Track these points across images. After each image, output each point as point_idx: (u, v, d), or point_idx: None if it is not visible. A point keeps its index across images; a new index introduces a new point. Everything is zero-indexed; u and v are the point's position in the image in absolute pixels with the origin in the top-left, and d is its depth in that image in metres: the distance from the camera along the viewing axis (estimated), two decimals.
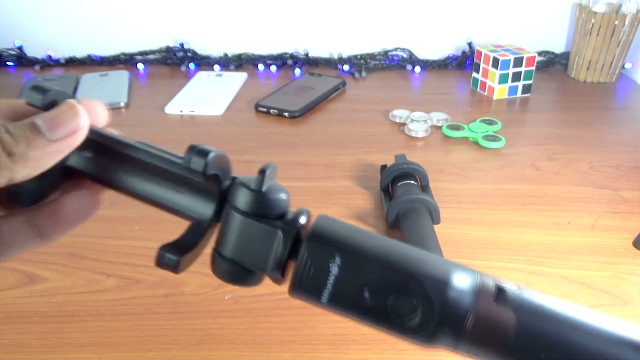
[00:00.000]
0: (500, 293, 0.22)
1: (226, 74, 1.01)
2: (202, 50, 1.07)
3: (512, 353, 0.22)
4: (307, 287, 0.23)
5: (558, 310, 0.22)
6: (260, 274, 0.25)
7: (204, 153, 0.23)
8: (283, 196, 0.24)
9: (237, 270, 0.25)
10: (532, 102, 0.92)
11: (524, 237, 0.56)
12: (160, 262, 0.24)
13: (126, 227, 0.57)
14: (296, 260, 0.23)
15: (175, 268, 0.24)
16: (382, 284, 0.22)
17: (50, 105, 0.24)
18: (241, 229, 0.24)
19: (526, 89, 0.93)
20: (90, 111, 0.25)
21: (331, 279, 0.22)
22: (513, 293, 0.22)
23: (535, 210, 0.61)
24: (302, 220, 0.24)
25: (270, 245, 0.24)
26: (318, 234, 0.23)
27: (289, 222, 0.24)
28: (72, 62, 1.06)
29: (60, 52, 1.06)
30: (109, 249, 0.54)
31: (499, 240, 0.56)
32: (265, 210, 0.24)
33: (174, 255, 0.25)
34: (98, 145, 0.26)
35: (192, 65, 1.04)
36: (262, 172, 0.23)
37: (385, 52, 1.06)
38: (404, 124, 0.81)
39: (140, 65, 1.04)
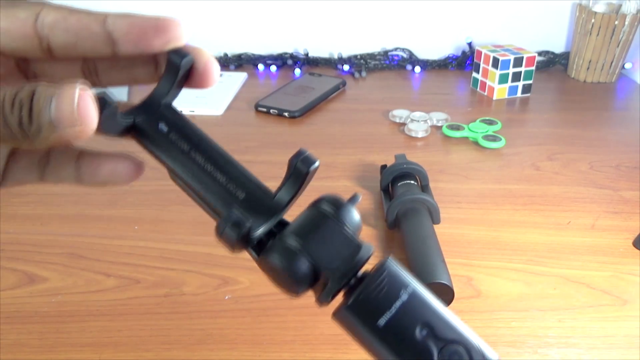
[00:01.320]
0: None
1: (226, 74, 1.01)
2: None
3: None
4: (368, 307, 0.23)
5: None
6: (313, 282, 0.24)
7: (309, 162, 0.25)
8: (360, 224, 0.25)
9: (301, 263, 0.23)
10: (532, 102, 0.92)
11: (524, 237, 0.56)
12: (220, 232, 0.23)
13: (126, 227, 0.57)
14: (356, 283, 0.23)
15: (233, 244, 0.23)
16: (441, 330, 0.22)
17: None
18: (322, 226, 0.24)
19: (526, 89, 0.93)
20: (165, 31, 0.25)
21: (398, 304, 0.22)
22: None
23: (535, 210, 0.61)
24: (372, 249, 0.24)
25: (346, 254, 0.23)
26: (394, 263, 0.24)
27: (367, 245, 0.24)
28: None
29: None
30: (109, 249, 0.54)
31: (499, 240, 0.56)
32: (348, 223, 0.24)
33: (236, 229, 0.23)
34: (177, 125, 0.26)
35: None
36: (355, 195, 0.25)
37: (385, 52, 1.06)
38: (404, 124, 0.81)
39: None
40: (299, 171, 0.26)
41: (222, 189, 0.25)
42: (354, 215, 0.25)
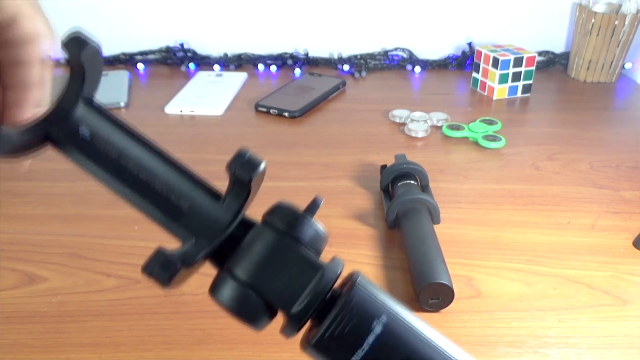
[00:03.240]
0: None
1: (226, 74, 1.01)
2: (202, 50, 1.07)
3: None
4: (337, 344, 0.19)
5: None
6: (272, 315, 0.21)
7: (254, 165, 0.20)
8: (324, 235, 0.21)
9: (251, 301, 0.20)
10: (532, 102, 0.92)
11: (524, 237, 0.56)
12: (149, 272, 0.21)
13: (126, 227, 0.57)
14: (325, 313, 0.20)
15: (165, 283, 0.21)
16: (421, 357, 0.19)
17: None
18: (273, 252, 0.20)
19: (526, 89, 0.93)
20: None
21: (371, 339, 0.19)
22: None
23: (535, 210, 0.61)
24: (339, 269, 0.21)
25: (303, 283, 0.20)
26: (363, 286, 0.20)
27: (331, 266, 0.20)
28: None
29: (61, 52, 1.06)
30: (109, 249, 0.54)
31: (499, 240, 0.56)
32: (307, 240, 0.20)
33: (167, 270, 0.21)
34: (100, 127, 0.22)
35: (192, 65, 1.04)
36: (315, 201, 0.21)
37: (385, 52, 1.06)
38: (404, 124, 0.81)
39: (140, 65, 1.04)
40: (241, 180, 0.22)
41: (162, 201, 0.22)
42: (313, 227, 0.21)
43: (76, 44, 0.22)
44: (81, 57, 0.22)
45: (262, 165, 0.22)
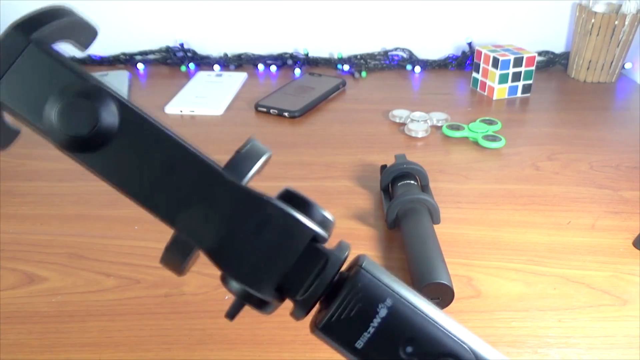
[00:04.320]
0: None
1: (226, 74, 1.01)
2: (202, 50, 1.07)
3: None
4: (344, 327, 0.20)
5: None
6: (281, 299, 0.21)
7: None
8: (330, 217, 0.21)
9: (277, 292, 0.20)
10: (532, 102, 0.92)
11: (524, 237, 0.56)
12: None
13: (126, 227, 0.57)
14: (331, 296, 0.20)
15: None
16: (428, 344, 0.20)
17: None
18: (272, 232, 0.20)
19: (526, 89, 0.93)
20: None
21: (376, 323, 0.20)
22: None
23: (535, 210, 0.61)
24: (345, 254, 0.21)
25: (309, 270, 0.20)
26: (369, 270, 0.20)
27: (337, 251, 0.21)
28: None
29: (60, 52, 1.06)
30: (109, 249, 0.54)
31: (499, 240, 0.56)
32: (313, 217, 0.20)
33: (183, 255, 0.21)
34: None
35: (192, 65, 1.04)
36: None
37: (385, 52, 1.06)
38: (404, 124, 0.81)
39: (140, 65, 1.04)
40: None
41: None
42: (320, 211, 0.21)
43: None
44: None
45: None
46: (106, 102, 0.19)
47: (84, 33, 0.21)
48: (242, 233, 0.20)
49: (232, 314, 0.21)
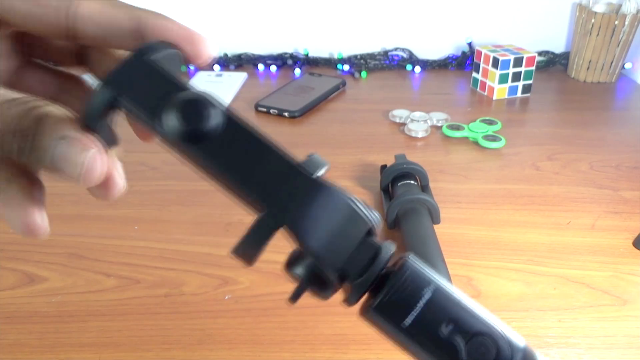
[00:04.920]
0: None
1: (226, 74, 1.01)
2: None
3: None
4: (393, 308, 0.23)
5: None
6: (338, 285, 0.24)
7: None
8: (378, 216, 0.25)
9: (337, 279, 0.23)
10: (532, 102, 0.92)
11: (524, 237, 0.56)
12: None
13: (126, 227, 0.57)
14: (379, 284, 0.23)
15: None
16: (466, 323, 0.23)
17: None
18: (338, 226, 0.23)
19: (526, 89, 0.93)
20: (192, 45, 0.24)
21: (422, 303, 0.23)
22: None
23: (535, 210, 0.61)
24: (393, 249, 0.25)
25: (365, 257, 0.24)
26: (415, 261, 0.24)
27: (386, 245, 0.24)
28: None
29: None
30: (109, 249, 0.54)
31: (499, 240, 0.56)
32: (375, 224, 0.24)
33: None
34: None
35: (192, 66, 1.04)
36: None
37: (385, 52, 1.06)
38: (404, 124, 0.81)
39: None
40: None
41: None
42: (373, 212, 0.25)
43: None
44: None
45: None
46: (210, 107, 0.23)
47: (179, 60, 0.26)
48: (317, 216, 0.23)
49: (295, 297, 0.24)
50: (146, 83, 0.22)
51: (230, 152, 0.23)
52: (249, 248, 0.23)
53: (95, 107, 0.22)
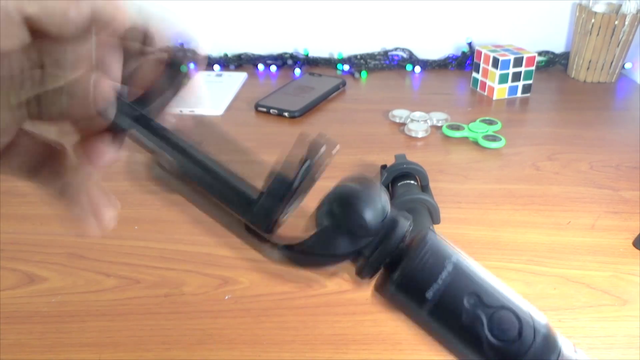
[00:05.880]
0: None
1: (226, 73, 1.01)
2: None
3: None
4: (414, 280, 0.22)
5: None
6: (354, 258, 0.23)
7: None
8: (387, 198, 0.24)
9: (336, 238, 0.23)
10: (532, 102, 0.92)
11: (524, 237, 0.56)
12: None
13: (126, 227, 0.57)
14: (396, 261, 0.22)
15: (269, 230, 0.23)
16: (489, 297, 0.22)
17: None
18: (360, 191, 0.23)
19: (526, 89, 0.93)
20: None
21: (444, 275, 0.22)
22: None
23: (535, 210, 0.61)
24: (409, 221, 0.24)
25: (379, 232, 0.22)
26: (435, 234, 0.23)
27: (402, 218, 0.23)
28: None
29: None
30: (109, 249, 0.54)
31: (499, 240, 0.56)
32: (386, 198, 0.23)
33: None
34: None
35: (192, 65, 1.04)
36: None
37: (385, 52, 1.06)
38: (404, 124, 0.81)
39: None
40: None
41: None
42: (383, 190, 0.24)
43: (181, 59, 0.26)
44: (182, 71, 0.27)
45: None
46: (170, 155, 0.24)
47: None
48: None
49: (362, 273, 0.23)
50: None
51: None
52: (271, 206, 0.23)
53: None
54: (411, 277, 0.22)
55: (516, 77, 0.91)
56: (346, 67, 1.04)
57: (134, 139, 0.24)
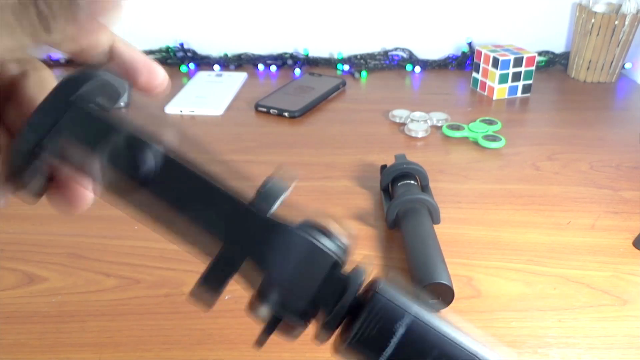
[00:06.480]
0: None
1: (226, 73, 1.01)
2: (202, 50, 1.07)
3: None
4: (366, 345, 0.21)
5: None
6: (304, 327, 0.23)
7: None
8: (348, 243, 0.23)
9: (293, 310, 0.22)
10: (532, 102, 0.92)
11: (524, 237, 0.56)
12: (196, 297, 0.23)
13: (126, 227, 0.57)
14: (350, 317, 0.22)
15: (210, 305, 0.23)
16: (448, 358, 0.21)
17: None
18: (299, 260, 0.21)
19: (526, 89, 0.93)
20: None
21: (394, 341, 0.21)
22: None
23: (535, 210, 0.61)
24: (362, 278, 0.22)
25: (331, 295, 0.22)
26: (385, 294, 0.22)
27: (354, 275, 0.22)
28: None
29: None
30: (109, 249, 0.54)
31: (499, 240, 0.56)
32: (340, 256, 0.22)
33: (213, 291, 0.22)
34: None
35: (192, 65, 1.04)
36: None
37: (385, 52, 1.06)
38: (404, 124, 0.81)
39: None
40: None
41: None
42: (340, 240, 0.23)
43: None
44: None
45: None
46: (143, 149, 0.21)
47: (115, 88, 0.24)
48: (271, 260, 0.22)
49: (261, 342, 0.23)
50: (76, 124, 0.20)
51: (173, 192, 0.22)
52: (212, 286, 0.22)
53: (20, 155, 0.20)
54: (359, 345, 0.21)
55: (516, 77, 0.91)
56: (346, 67, 1.04)
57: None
